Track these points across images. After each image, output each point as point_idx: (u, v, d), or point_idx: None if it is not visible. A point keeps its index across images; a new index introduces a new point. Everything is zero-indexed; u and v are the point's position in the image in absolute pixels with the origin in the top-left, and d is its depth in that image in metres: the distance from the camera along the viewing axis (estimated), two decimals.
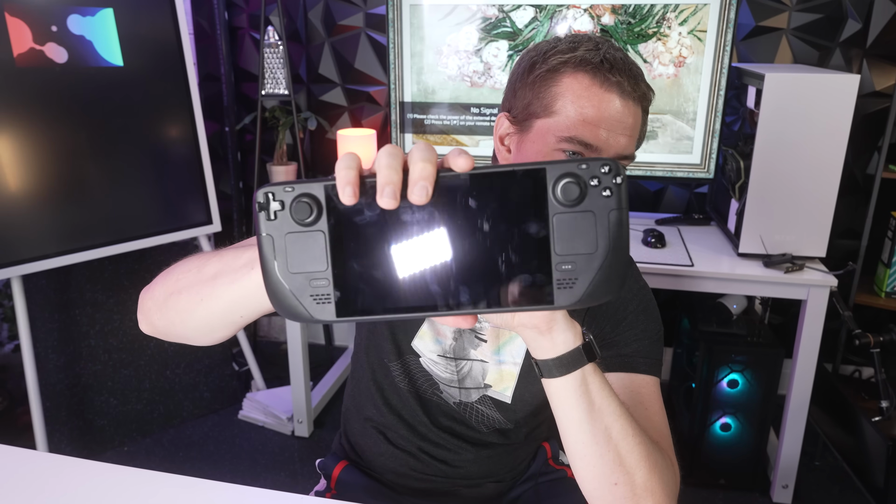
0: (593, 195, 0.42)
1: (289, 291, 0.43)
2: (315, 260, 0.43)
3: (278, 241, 0.43)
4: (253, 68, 2.54)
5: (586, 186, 0.42)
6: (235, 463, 2.08)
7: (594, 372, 0.62)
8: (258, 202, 0.43)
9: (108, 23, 1.81)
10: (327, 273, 0.43)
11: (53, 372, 2.02)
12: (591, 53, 0.78)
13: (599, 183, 0.42)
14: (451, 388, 0.95)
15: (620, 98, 0.77)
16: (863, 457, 1.86)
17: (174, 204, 1.99)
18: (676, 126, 2.00)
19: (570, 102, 0.78)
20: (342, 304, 0.43)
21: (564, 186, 0.42)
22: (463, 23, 2.03)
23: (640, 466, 0.65)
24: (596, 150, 0.77)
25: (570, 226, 0.42)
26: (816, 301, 1.73)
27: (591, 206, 0.42)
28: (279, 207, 0.42)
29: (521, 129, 0.83)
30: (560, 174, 0.42)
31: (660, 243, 1.90)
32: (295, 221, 0.42)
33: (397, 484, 1.03)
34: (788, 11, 2.12)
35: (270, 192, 0.42)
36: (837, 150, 1.70)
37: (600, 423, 0.63)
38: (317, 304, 0.43)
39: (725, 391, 1.86)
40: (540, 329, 0.59)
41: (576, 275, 0.43)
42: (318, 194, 0.42)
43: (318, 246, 0.42)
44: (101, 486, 0.82)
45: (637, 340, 0.85)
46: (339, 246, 0.43)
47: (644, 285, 0.91)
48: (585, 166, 0.42)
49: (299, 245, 0.43)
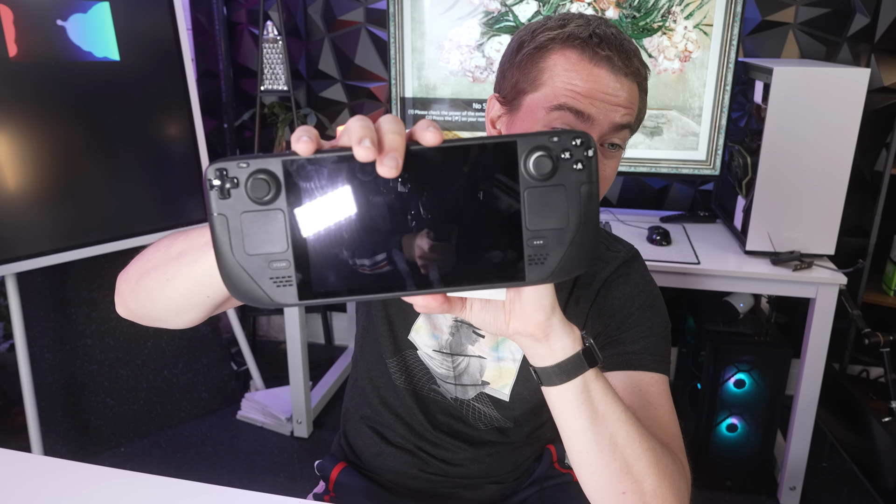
0: (565, 168, 0.40)
1: (246, 274, 0.41)
2: (274, 240, 0.40)
3: (233, 222, 0.40)
4: (252, 64, 2.51)
5: (558, 160, 0.40)
6: (234, 464, 2.05)
7: (596, 377, 0.59)
8: (209, 179, 0.39)
9: (105, 17, 1.78)
10: (287, 254, 0.40)
11: (49, 372, 1.99)
12: (580, 29, 0.74)
13: (571, 156, 0.40)
14: (447, 383, 0.93)
15: (611, 72, 0.73)
16: (872, 458, 1.83)
17: (171, 201, 1.97)
18: (682, 122, 1.97)
19: (557, 75, 0.74)
20: (304, 286, 0.41)
21: (537, 160, 0.40)
22: (465, 17, 2.00)
23: (648, 473, 0.62)
24: (587, 120, 0.73)
25: (542, 200, 0.41)
26: (825, 299, 1.69)
27: (563, 180, 0.41)
28: (233, 185, 0.39)
29: (510, 109, 0.80)
30: (532, 147, 0.40)
31: (665, 241, 1.87)
32: (251, 200, 0.39)
33: (397, 485, 1.00)
34: (795, 6, 2.09)
35: (223, 168, 0.39)
36: (847, 145, 1.67)
37: (605, 431, 0.60)
38: (277, 287, 0.41)
39: (732, 391, 1.83)
40: (536, 336, 0.56)
41: (547, 250, 0.41)
42: (276, 170, 0.39)
43: (277, 225, 0.40)
44: (97, 491, 0.80)
45: (644, 338, 0.81)
46: (300, 225, 0.40)
47: (651, 281, 0.88)
48: (557, 139, 0.40)
49: (256, 225, 0.40)
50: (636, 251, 0.91)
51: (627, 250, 0.90)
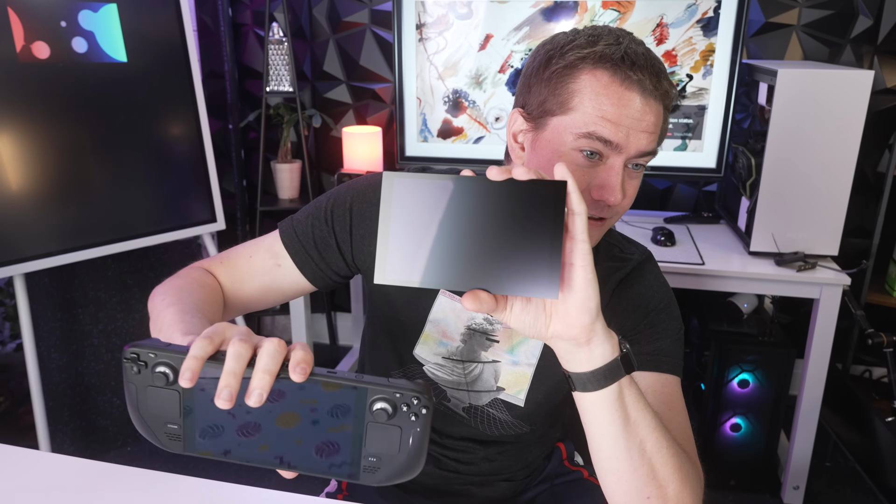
0: (402, 417, 0.51)
1: (148, 424, 0.52)
2: (170, 410, 0.51)
3: (140, 391, 0.51)
4: (257, 65, 2.52)
5: (397, 409, 0.50)
6: (239, 465, 2.06)
7: (630, 383, 0.60)
8: (125, 357, 0.50)
9: (112, 18, 1.79)
10: (178, 421, 0.52)
11: (56, 371, 2.00)
12: (612, 49, 0.73)
13: (408, 409, 0.50)
14: (458, 391, 0.93)
15: (641, 96, 0.73)
16: (875, 457, 1.84)
17: (177, 202, 1.97)
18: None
19: (588, 100, 0.74)
20: (189, 444, 0.53)
21: (378, 410, 0.50)
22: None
23: (672, 479, 0.63)
24: (615, 148, 0.74)
25: (380, 433, 0.51)
26: (829, 300, 1.70)
27: (399, 424, 0.51)
28: (144, 367, 0.50)
29: (535, 127, 0.79)
30: (377, 397, 0.50)
31: (669, 242, 1.88)
32: (154, 381, 0.51)
33: (408, 483, 1.01)
34: (798, 8, 2.10)
35: (136, 352, 0.50)
36: (850, 146, 1.68)
37: (635, 438, 0.61)
38: (169, 440, 0.53)
39: (736, 391, 1.84)
40: (578, 341, 0.56)
41: (379, 465, 0.52)
42: (176, 364, 0.50)
43: (173, 401, 0.51)
44: (106, 487, 0.80)
45: (659, 339, 0.82)
46: (190, 405, 0.51)
47: (664, 283, 0.89)
48: (399, 394, 0.50)
49: (158, 397, 0.51)
50: (650, 253, 0.91)
51: (641, 253, 0.91)
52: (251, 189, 2.63)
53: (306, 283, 0.89)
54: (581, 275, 0.54)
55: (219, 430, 0.52)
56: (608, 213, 0.78)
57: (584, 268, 0.54)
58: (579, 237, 0.53)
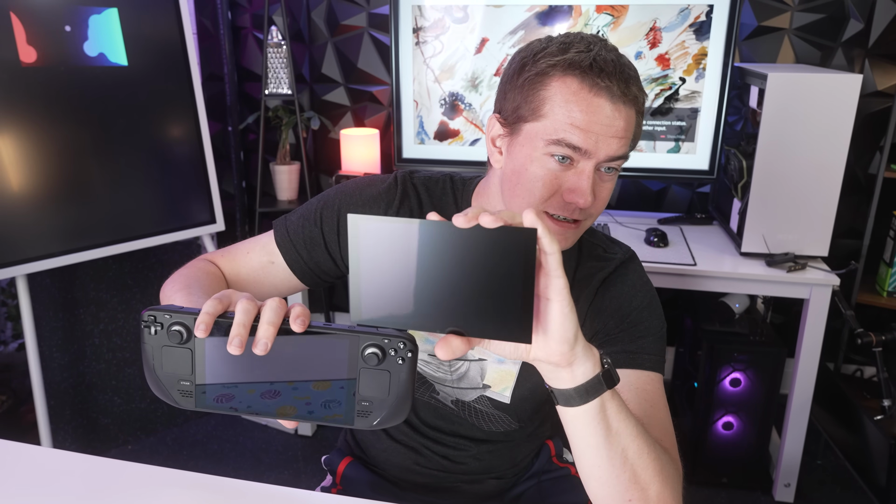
0: (391, 361, 0.54)
1: (162, 383, 0.57)
2: (183, 368, 0.56)
3: (156, 351, 0.56)
4: (256, 68, 2.54)
5: (385, 354, 0.54)
6: (239, 461, 2.09)
7: (612, 396, 0.61)
8: (143, 320, 0.55)
9: (113, 22, 1.82)
10: (191, 378, 0.56)
11: (58, 370, 2.03)
12: (581, 56, 0.75)
13: (396, 353, 0.54)
14: (445, 387, 0.95)
15: (611, 102, 0.75)
16: (865, 455, 1.87)
17: (178, 203, 2.00)
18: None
19: (558, 107, 0.76)
20: (200, 399, 0.57)
21: (369, 355, 0.54)
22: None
23: (654, 481, 0.66)
24: (585, 154, 0.76)
25: (371, 378, 0.55)
26: (819, 300, 1.73)
27: (388, 368, 0.54)
28: (159, 328, 0.55)
29: (511, 132, 0.82)
30: (368, 343, 0.54)
31: (662, 242, 1.90)
32: (169, 339, 0.55)
33: (400, 479, 1.04)
34: (790, 11, 2.13)
35: (154, 314, 0.55)
36: (839, 149, 1.70)
37: (618, 446, 0.63)
38: (182, 396, 0.57)
39: (728, 390, 1.86)
40: (559, 364, 0.58)
41: (371, 409, 0.56)
42: (189, 323, 0.55)
43: (186, 359, 0.56)
44: (109, 483, 0.82)
45: (641, 337, 0.85)
46: (201, 360, 0.56)
47: (647, 282, 0.91)
48: (388, 340, 0.54)
49: (172, 356, 0.56)
50: (633, 253, 0.94)
51: (624, 252, 0.93)
52: (250, 190, 2.66)
53: (296, 280, 0.94)
54: (557, 308, 0.55)
55: (226, 387, 0.56)
56: (581, 216, 0.81)
57: (560, 302, 0.55)
58: (553, 273, 0.54)
